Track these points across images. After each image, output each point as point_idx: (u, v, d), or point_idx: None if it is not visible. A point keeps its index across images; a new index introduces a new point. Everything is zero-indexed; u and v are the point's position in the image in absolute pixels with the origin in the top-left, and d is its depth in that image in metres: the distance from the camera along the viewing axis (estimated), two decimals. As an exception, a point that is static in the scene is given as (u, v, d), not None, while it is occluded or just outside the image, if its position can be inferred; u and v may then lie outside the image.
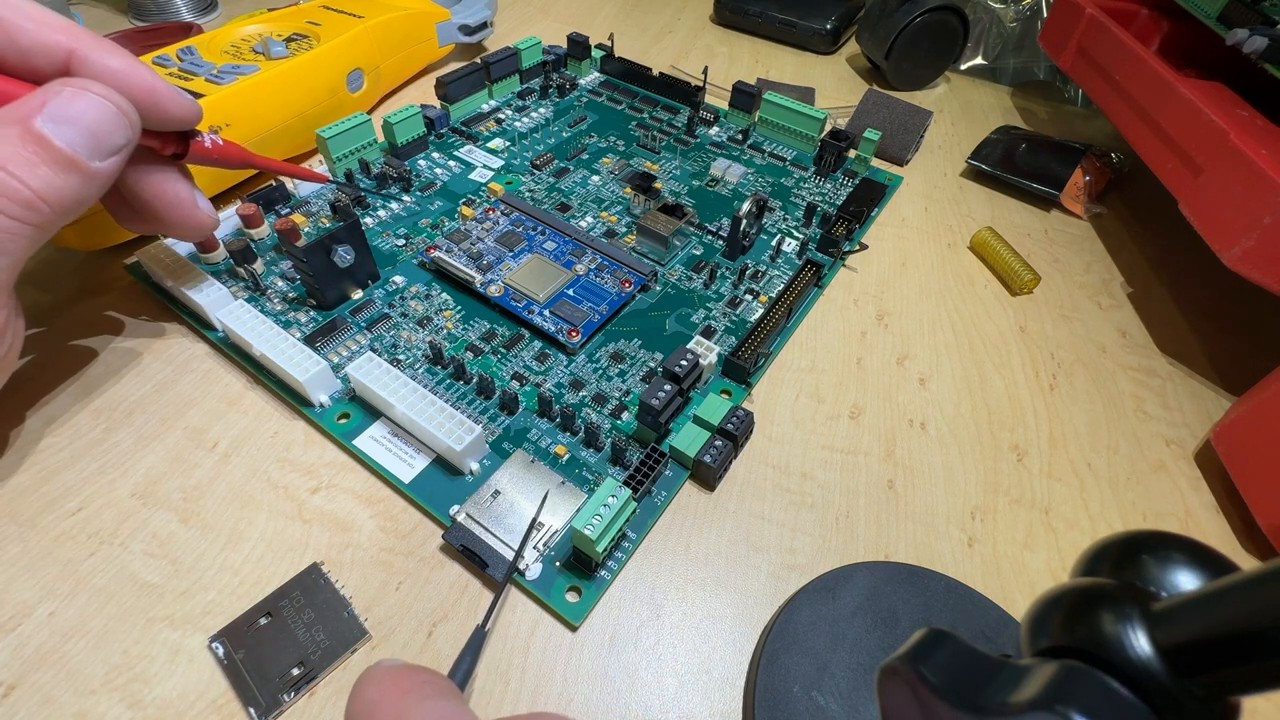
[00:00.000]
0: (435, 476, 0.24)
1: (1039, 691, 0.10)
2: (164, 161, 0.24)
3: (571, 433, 0.26)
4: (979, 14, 0.53)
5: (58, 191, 0.20)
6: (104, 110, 0.20)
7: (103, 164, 0.21)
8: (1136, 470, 0.27)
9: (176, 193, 0.24)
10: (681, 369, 0.25)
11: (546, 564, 0.22)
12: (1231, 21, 0.34)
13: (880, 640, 0.20)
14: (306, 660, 0.20)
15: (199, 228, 0.26)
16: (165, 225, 0.25)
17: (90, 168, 0.20)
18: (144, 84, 0.22)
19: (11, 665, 0.19)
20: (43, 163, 0.19)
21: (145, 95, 0.22)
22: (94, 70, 0.21)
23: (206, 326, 0.28)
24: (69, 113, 0.20)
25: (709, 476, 0.25)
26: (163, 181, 0.24)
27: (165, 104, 0.22)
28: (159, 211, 0.24)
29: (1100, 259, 0.38)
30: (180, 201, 0.24)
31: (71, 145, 0.20)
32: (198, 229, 0.26)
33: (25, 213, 0.19)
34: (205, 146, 0.25)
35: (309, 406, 0.26)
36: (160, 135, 0.24)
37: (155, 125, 0.23)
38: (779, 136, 0.42)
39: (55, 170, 0.20)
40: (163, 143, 0.24)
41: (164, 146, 0.24)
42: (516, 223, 0.34)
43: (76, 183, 0.20)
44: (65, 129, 0.20)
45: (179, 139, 0.24)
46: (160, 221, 0.25)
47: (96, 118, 0.20)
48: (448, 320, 0.30)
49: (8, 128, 0.19)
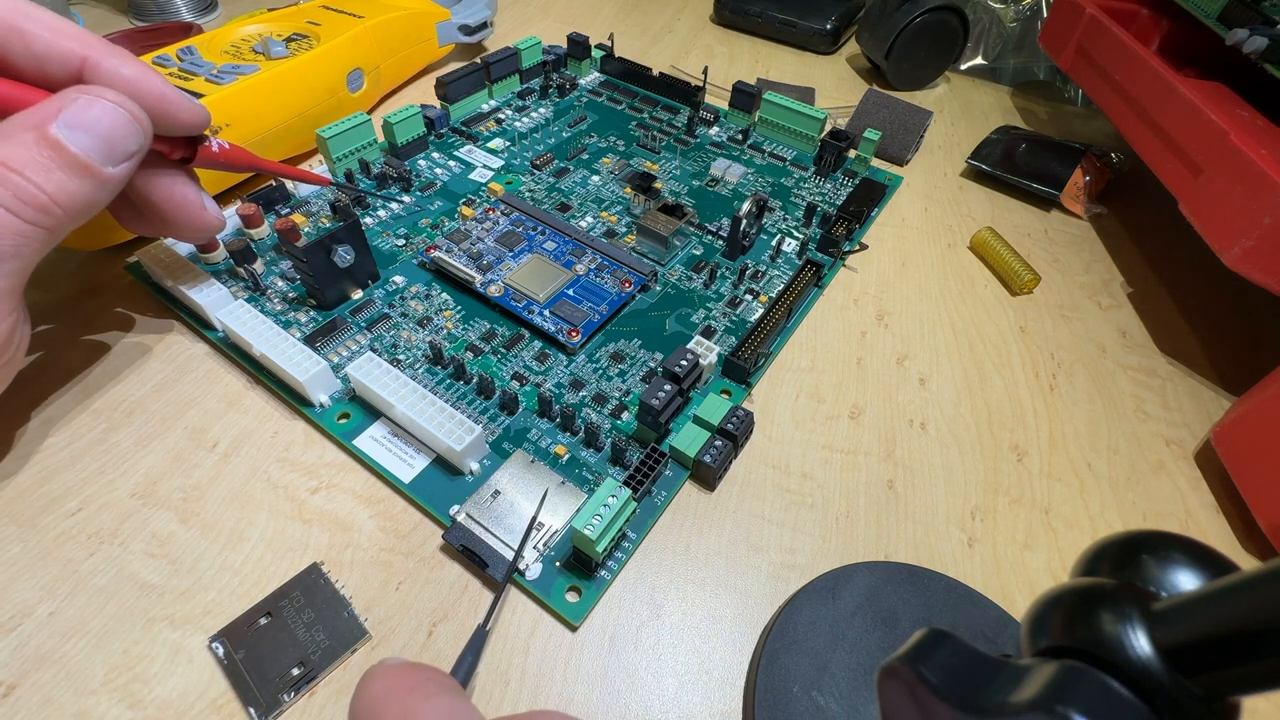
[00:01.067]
0: (435, 476, 0.24)
1: (1039, 691, 0.10)
2: (172, 165, 0.25)
3: (571, 433, 0.26)
4: (979, 14, 0.53)
5: (71, 196, 0.20)
6: (118, 117, 0.21)
7: (115, 169, 0.21)
8: (1136, 470, 0.27)
9: (185, 195, 0.25)
10: (681, 369, 0.25)
11: (546, 564, 0.22)
12: (1231, 21, 0.34)
13: (880, 640, 0.20)
14: (306, 660, 0.20)
15: (206, 229, 0.26)
16: (172, 227, 0.25)
17: (103, 173, 0.21)
18: (155, 91, 0.22)
19: (11, 665, 0.19)
20: (58, 168, 0.20)
21: (156, 102, 0.22)
22: (107, 77, 0.21)
23: (206, 326, 0.28)
24: (84, 119, 0.20)
25: (709, 476, 0.25)
26: (171, 185, 0.24)
27: (176, 110, 0.23)
28: (167, 214, 0.25)
29: (1100, 259, 0.38)
30: (188, 204, 0.25)
31: (86, 151, 0.20)
32: (205, 231, 0.26)
33: (39, 216, 0.20)
34: (213, 151, 0.25)
35: (309, 406, 0.26)
36: (169, 140, 0.24)
37: (165, 131, 0.23)
38: (779, 136, 0.42)
39: (69, 175, 0.20)
40: (171, 147, 0.24)
41: (172, 151, 0.24)
42: (516, 223, 0.34)
43: (89, 188, 0.21)
44: (80, 135, 0.20)
45: (187, 144, 0.25)
46: (168, 224, 0.25)
47: (111, 125, 0.21)
48: (448, 320, 0.30)
49: (24, 133, 0.20)
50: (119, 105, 0.21)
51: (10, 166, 0.19)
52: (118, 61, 0.21)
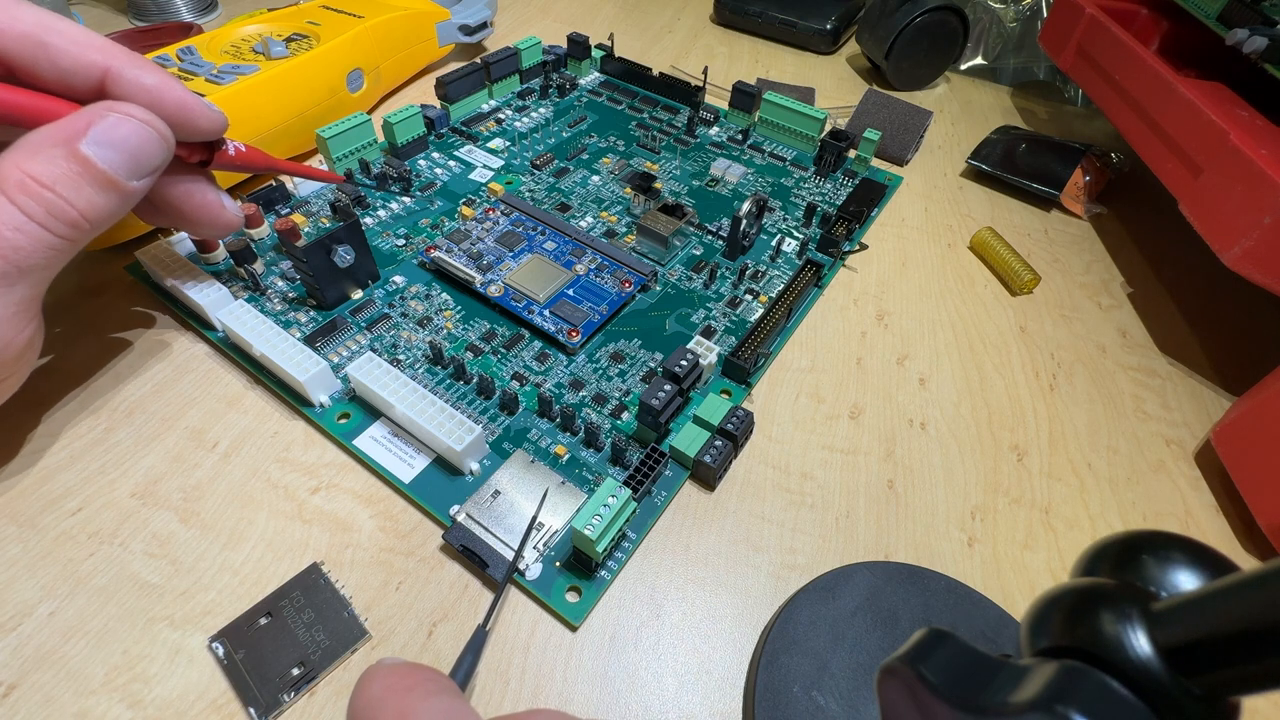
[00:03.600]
0: (435, 476, 0.24)
1: (1039, 691, 0.10)
2: (191, 169, 0.25)
3: (571, 433, 0.26)
4: (979, 14, 0.53)
5: (97, 210, 0.21)
6: (145, 135, 0.21)
7: (139, 183, 0.22)
8: (1136, 470, 0.27)
9: (204, 197, 0.25)
10: (681, 369, 0.25)
11: (546, 564, 0.22)
12: (1231, 21, 0.34)
13: (880, 640, 0.21)
14: (306, 660, 0.20)
15: (226, 228, 0.26)
16: (191, 225, 0.26)
17: (129, 187, 0.21)
18: (177, 100, 0.23)
19: (11, 665, 0.19)
20: (86, 183, 0.20)
21: (178, 110, 0.23)
22: (129, 87, 0.22)
23: (206, 326, 0.28)
24: (113, 137, 0.21)
25: (709, 476, 0.25)
26: (190, 187, 0.25)
27: (196, 118, 0.23)
28: (186, 214, 0.25)
29: (1100, 259, 0.38)
30: (208, 205, 0.25)
31: (114, 167, 0.21)
32: (225, 228, 0.26)
33: (69, 230, 0.20)
34: (230, 154, 0.26)
35: (309, 406, 0.26)
36: (188, 145, 0.24)
37: (185, 137, 0.24)
38: (779, 136, 0.42)
39: (97, 190, 0.21)
40: (190, 152, 0.24)
41: (191, 155, 0.25)
42: (516, 223, 0.34)
43: (115, 201, 0.21)
44: (109, 152, 0.21)
45: (205, 148, 0.25)
46: (187, 222, 0.26)
47: (138, 142, 0.21)
48: (447, 320, 0.30)
49: (54, 149, 0.20)
50: (147, 124, 0.21)
51: (42, 182, 0.20)
52: (140, 72, 0.22)
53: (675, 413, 0.25)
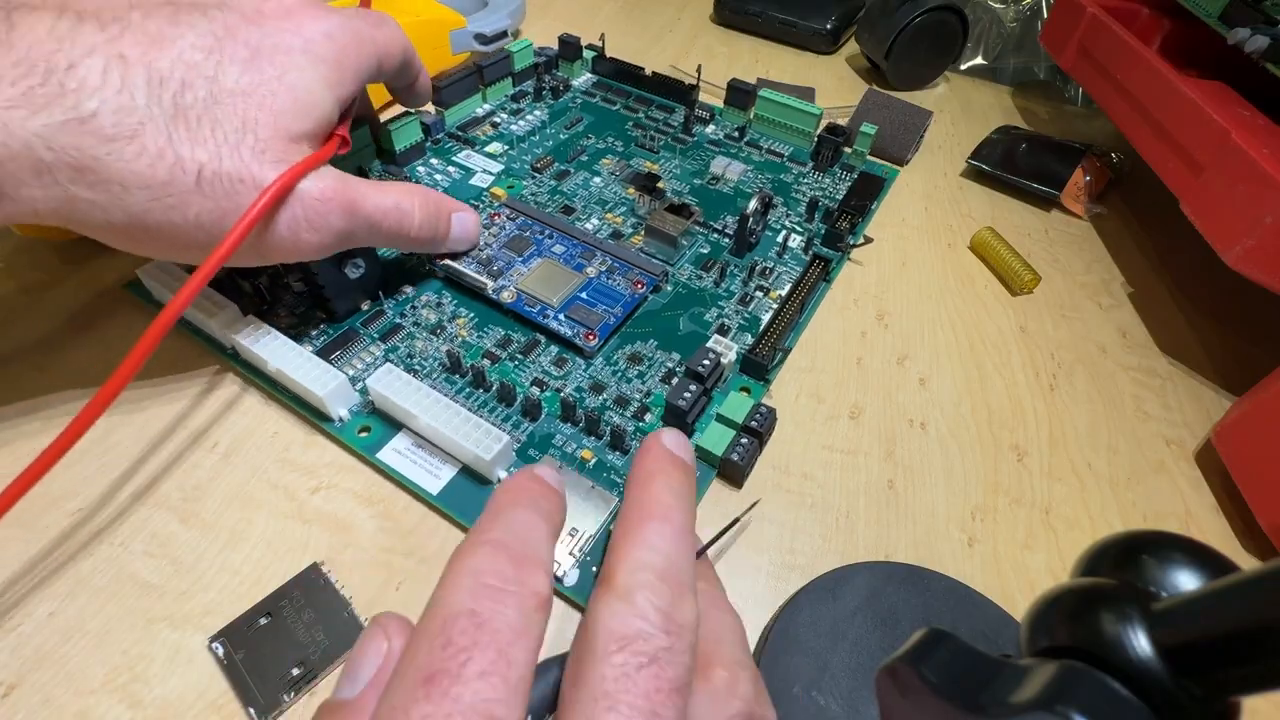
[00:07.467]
0: (464, 486, 0.24)
1: (1039, 691, 0.10)
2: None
3: (596, 437, 0.25)
4: (979, 14, 0.53)
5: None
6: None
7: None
8: (1137, 470, 0.27)
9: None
10: (704, 369, 0.25)
11: (584, 569, 0.22)
12: (1233, 21, 0.34)
13: (880, 640, 0.20)
14: (306, 660, 0.20)
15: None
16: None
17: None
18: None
19: (11, 665, 0.19)
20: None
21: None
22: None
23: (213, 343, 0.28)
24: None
25: (736, 474, 0.25)
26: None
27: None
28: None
29: (1100, 259, 0.38)
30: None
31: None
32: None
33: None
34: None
35: (328, 421, 0.25)
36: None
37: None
38: (775, 133, 0.42)
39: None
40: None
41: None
42: (523, 227, 0.34)
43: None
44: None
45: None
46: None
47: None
48: (461, 328, 0.29)
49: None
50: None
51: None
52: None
53: (699, 413, 0.25)
